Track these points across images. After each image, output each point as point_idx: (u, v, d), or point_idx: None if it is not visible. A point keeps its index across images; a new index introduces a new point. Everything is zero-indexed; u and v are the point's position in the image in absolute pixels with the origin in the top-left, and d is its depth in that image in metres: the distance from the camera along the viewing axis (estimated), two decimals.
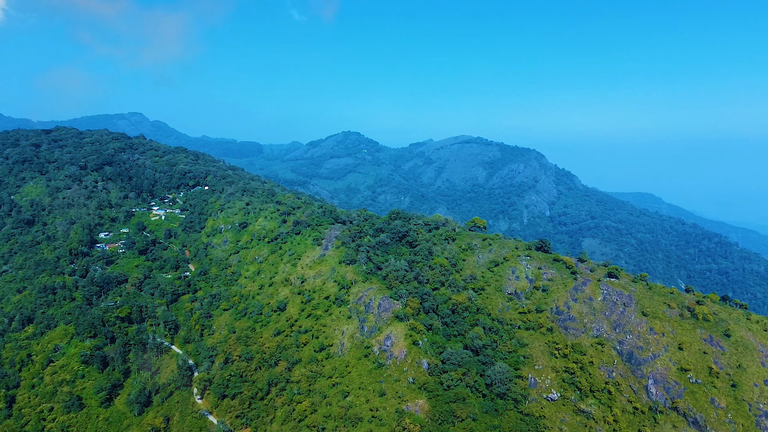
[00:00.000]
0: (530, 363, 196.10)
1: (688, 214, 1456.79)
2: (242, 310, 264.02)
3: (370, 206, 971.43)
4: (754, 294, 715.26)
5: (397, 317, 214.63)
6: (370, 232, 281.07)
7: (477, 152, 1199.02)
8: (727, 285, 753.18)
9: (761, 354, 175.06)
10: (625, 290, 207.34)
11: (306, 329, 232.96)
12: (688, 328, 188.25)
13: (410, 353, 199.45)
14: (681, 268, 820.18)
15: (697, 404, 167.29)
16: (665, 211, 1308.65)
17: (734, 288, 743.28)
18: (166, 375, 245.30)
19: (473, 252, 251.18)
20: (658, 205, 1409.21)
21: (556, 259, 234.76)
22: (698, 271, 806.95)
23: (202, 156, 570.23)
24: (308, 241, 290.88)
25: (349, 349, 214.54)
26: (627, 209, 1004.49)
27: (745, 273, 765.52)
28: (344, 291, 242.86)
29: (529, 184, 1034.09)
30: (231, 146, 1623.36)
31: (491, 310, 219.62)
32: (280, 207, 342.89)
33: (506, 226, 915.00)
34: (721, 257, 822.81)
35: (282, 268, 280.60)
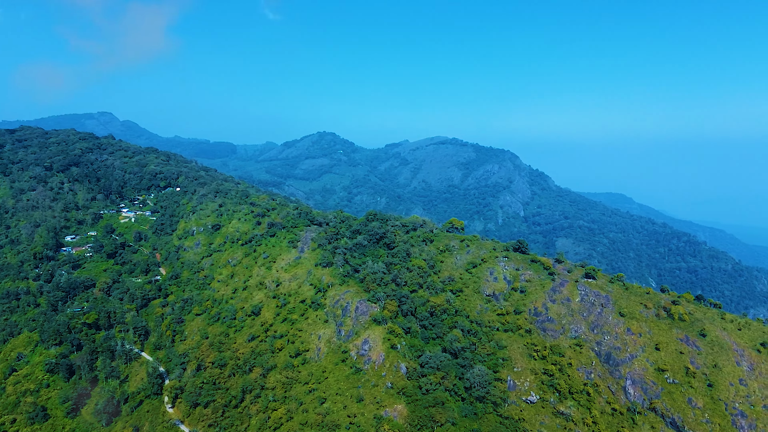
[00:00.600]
0: (509, 365, 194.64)
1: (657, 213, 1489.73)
2: (215, 315, 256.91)
3: (346, 207, 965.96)
4: (722, 292, 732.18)
5: (375, 321, 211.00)
6: (347, 234, 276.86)
7: (452, 153, 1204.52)
8: (696, 283, 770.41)
9: (736, 353, 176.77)
10: (603, 291, 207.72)
11: (281, 334, 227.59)
12: (665, 328, 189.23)
13: (388, 357, 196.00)
14: (652, 266, 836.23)
15: (674, 404, 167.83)
16: (636, 210, 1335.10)
17: (703, 286, 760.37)
18: (136, 383, 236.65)
19: (451, 253, 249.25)
20: (629, 205, 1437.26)
21: (533, 260, 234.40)
22: (668, 269, 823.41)
23: (174, 156, 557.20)
24: (283, 243, 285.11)
25: (326, 354, 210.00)
26: (599, 209, 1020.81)
27: (713, 271, 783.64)
28: (321, 294, 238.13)
29: (503, 184, 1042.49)
30: (204, 147, 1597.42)
31: (470, 312, 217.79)
32: (254, 208, 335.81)
33: (481, 226, 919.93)
34: (690, 256, 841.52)
35: (256, 272, 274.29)
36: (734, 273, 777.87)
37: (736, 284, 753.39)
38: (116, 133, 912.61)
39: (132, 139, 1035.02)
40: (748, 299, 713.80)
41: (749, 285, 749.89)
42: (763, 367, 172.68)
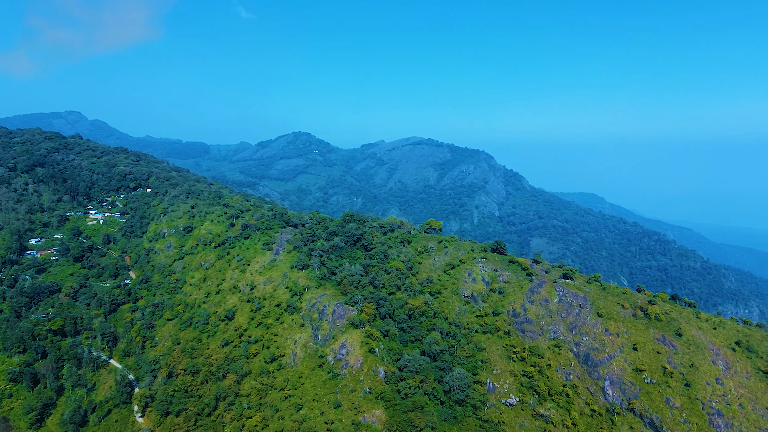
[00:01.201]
0: (488, 367, 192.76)
1: (628, 213, 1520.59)
2: (187, 320, 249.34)
3: (322, 207, 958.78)
4: (691, 289, 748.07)
5: (353, 324, 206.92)
6: (324, 236, 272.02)
7: (428, 153, 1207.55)
8: (667, 281, 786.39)
9: (712, 353, 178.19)
10: (581, 291, 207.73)
11: (256, 339, 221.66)
12: (642, 328, 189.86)
13: (366, 361, 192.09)
14: (623, 265, 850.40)
15: (652, 405, 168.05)
16: (608, 210, 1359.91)
17: (673, 284, 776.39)
18: (104, 392, 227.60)
19: (429, 255, 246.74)
20: (601, 205, 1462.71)
21: (511, 261, 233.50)
22: (639, 267, 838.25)
23: (145, 156, 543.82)
24: (258, 245, 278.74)
25: (302, 359, 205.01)
26: (572, 209, 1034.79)
27: (682, 269, 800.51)
28: (296, 298, 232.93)
29: (479, 185, 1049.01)
30: (176, 146, 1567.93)
31: (448, 314, 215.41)
32: (227, 210, 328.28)
33: (457, 226, 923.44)
34: (660, 254, 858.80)
35: (230, 275, 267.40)
36: (703, 271, 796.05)
37: (705, 282, 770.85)
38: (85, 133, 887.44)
39: (101, 138, 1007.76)
40: (716, 296, 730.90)
41: (717, 282, 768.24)
42: (738, 366, 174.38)
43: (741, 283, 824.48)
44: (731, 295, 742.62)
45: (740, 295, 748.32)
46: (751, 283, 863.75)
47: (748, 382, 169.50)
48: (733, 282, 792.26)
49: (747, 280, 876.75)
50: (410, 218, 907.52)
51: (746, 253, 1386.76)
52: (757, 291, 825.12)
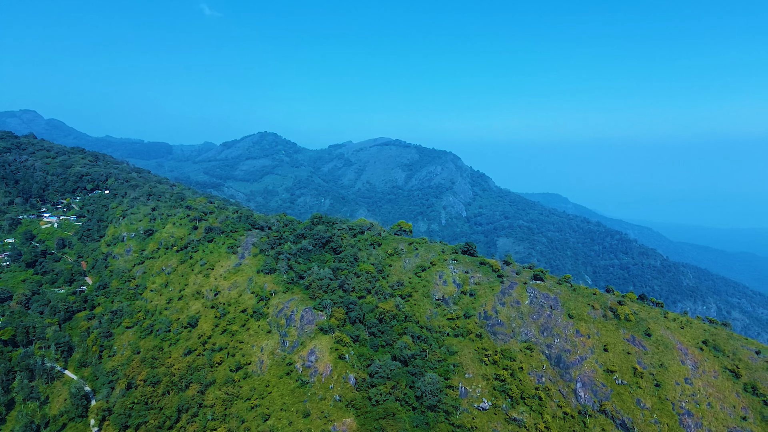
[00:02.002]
0: (460, 371, 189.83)
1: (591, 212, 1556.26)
2: (148, 328, 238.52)
3: (289, 209, 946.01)
4: (652, 287, 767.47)
5: (322, 329, 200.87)
6: (291, 239, 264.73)
7: (396, 154, 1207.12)
8: (629, 279, 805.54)
9: (680, 352, 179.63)
10: (551, 293, 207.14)
11: (221, 346, 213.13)
12: (612, 329, 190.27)
13: (336, 368, 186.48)
14: (587, 264, 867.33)
15: (624, 406, 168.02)
16: (571, 210, 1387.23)
17: (634, 282, 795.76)
18: (58, 405, 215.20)
19: (400, 257, 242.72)
20: (564, 205, 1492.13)
21: (482, 263, 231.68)
22: (603, 266, 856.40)
23: (103, 157, 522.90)
24: (222, 249, 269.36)
25: (270, 366, 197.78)
26: (538, 209, 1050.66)
27: (643, 267, 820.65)
28: (263, 303, 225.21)
29: (446, 185, 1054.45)
30: (137, 147, 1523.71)
31: (419, 317, 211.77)
32: (190, 212, 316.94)
33: (425, 226, 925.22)
34: (622, 253, 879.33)
35: (193, 280, 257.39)
36: (662, 269, 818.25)
37: (665, 279, 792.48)
38: (40, 133, 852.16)
39: (58, 138, 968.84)
40: (676, 294, 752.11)
41: (676, 280, 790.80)
42: (705, 365, 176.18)
43: (699, 280, 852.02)
44: (690, 292, 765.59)
45: (698, 291, 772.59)
46: (708, 280, 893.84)
47: (716, 381, 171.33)
48: (692, 279, 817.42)
49: (704, 277, 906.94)
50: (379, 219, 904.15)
51: (702, 250, 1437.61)
52: (713, 288, 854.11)
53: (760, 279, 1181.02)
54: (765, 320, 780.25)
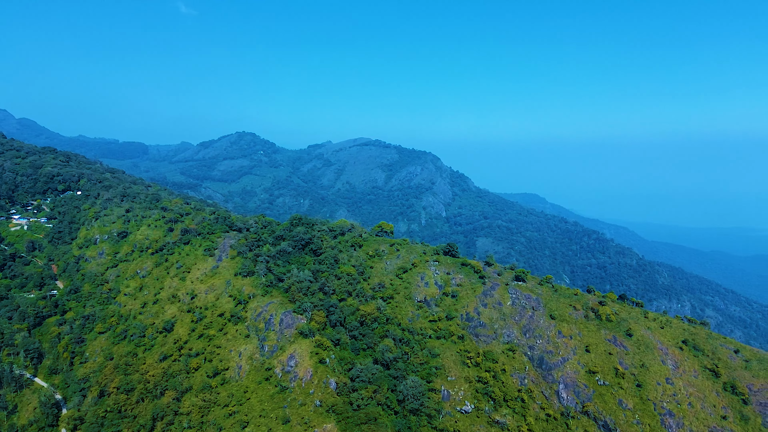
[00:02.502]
0: (443, 374, 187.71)
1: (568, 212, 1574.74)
2: (121, 333, 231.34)
3: (268, 209, 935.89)
4: (628, 286, 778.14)
5: (302, 333, 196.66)
6: (270, 240, 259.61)
7: (376, 155, 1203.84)
8: (606, 278, 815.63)
9: (661, 352, 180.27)
10: (533, 294, 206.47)
11: (197, 352, 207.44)
12: (593, 330, 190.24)
13: (316, 373, 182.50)
14: (565, 263, 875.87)
15: (606, 407, 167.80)
16: (549, 210, 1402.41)
17: (611, 280, 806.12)
18: (27, 414, 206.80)
19: (381, 258, 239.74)
20: (542, 205, 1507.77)
21: (464, 264, 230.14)
22: (580, 265, 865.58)
23: (75, 157, 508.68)
24: (199, 251, 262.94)
25: (248, 372, 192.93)
26: (516, 209, 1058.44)
27: (620, 266, 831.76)
28: (241, 307, 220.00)
29: (426, 186, 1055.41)
30: (112, 147, 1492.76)
31: (401, 319, 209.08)
32: (166, 214, 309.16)
33: (405, 227, 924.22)
34: (599, 252, 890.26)
35: (169, 283, 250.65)
36: (638, 268, 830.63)
37: (641, 278, 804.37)
38: (11, 132, 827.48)
39: (29, 138, 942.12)
40: (651, 292, 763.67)
41: (652, 278, 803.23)
42: (686, 365, 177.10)
43: (673, 279, 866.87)
44: (665, 290, 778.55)
45: (673, 290, 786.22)
46: (682, 279, 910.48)
47: (696, 380, 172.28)
48: (666, 278, 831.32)
49: (678, 275, 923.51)
50: (359, 220, 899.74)
51: (676, 249, 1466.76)
52: (687, 286, 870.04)
53: (732, 277, 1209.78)
54: (737, 318, 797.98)
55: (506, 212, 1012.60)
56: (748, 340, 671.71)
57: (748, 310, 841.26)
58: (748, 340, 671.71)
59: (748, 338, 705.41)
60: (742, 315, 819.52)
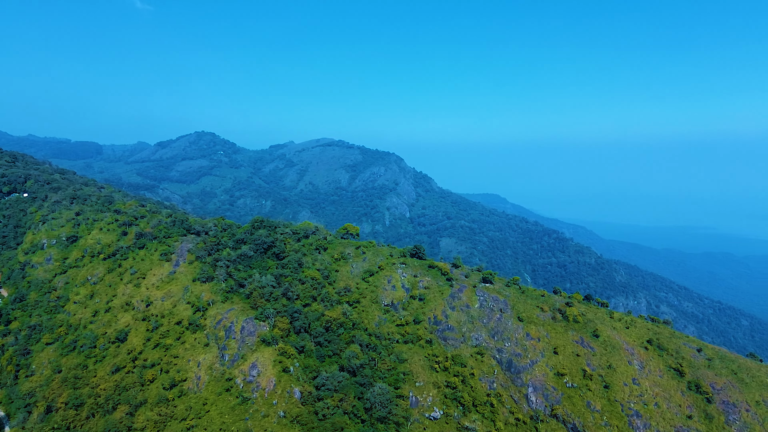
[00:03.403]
0: (411, 380, 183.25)
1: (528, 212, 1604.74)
2: (71, 344, 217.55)
3: (228, 211, 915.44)
4: (587, 284, 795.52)
5: (264, 341, 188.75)
6: (230, 244, 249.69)
7: (339, 155, 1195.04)
8: (566, 276, 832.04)
9: (627, 352, 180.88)
10: (501, 295, 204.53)
11: (153, 363, 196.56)
12: (561, 331, 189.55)
13: (280, 382, 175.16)
14: (526, 263, 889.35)
15: (574, 409, 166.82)
16: (510, 210, 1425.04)
17: (571, 279, 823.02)
18: None
19: (347, 262, 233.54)
20: (503, 205, 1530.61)
21: (431, 266, 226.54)
22: (541, 264, 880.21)
23: (23, 157, 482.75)
24: (155, 256, 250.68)
25: (207, 383, 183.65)
26: (478, 209, 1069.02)
27: (579, 265, 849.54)
28: (200, 314, 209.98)
29: (390, 186, 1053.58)
30: (64, 147, 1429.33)
31: (368, 324, 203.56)
32: (119, 216, 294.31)
33: (369, 228, 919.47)
34: (559, 251, 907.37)
35: (122, 290, 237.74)
36: (597, 266, 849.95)
37: (599, 276, 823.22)
38: None
39: None
40: (609, 290, 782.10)
41: (610, 276, 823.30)
42: (651, 365, 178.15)
43: (630, 276, 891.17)
44: (622, 288, 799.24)
45: (630, 287, 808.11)
46: (638, 276, 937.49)
47: (662, 380, 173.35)
48: (623, 275, 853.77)
49: (634, 273, 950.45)
50: (322, 220, 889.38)
51: (631, 247, 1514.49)
52: (643, 283, 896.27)
53: (683, 274, 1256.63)
54: (690, 313, 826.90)
55: (469, 212, 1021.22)
56: (701, 335, 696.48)
57: (700, 305, 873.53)
58: (701, 335, 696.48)
59: (701, 333, 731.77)
60: (695, 311, 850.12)
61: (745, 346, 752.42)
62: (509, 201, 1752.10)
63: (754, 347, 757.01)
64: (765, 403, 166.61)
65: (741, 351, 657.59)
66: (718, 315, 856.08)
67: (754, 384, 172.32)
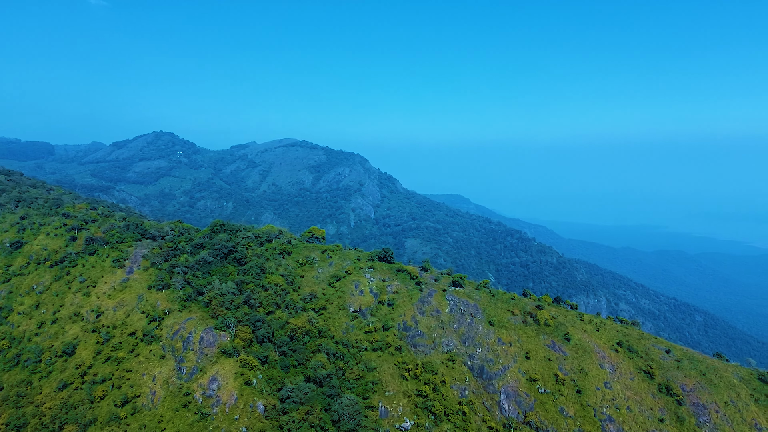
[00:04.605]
0: (380, 389, 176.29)
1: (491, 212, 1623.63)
2: (13, 358, 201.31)
3: (189, 212, 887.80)
4: (549, 283, 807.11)
5: (225, 352, 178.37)
6: (188, 249, 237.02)
7: (303, 156, 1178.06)
8: (529, 276, 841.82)
9: (598, 355, 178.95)
10: (471, 299, 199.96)
11: (104, 377, 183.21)
12: (532, 335, 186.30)
13: (242, 396, 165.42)
14: (490, 262, 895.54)
15: (547, 416, 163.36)
16: (473, 210, 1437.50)
17: (534, 278, 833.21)
18: None
19: (312, 266, 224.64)
20: (467, 206, 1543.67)
21: (399, 270, 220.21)
22: (504, 264, 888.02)
23: None
24: (106, 262, 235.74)
25: (164, 398, 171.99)
26: (443, 210, 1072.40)
27: (541, 264, 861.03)
28: (155, 324, 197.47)
29: (354, 187, 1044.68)
30: (12, 147, 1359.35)
31: (335, 332, 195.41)
32: (68, 221, 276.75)
33: (334, 229, 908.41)
34: (522, 251, 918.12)
35: (70, 299, 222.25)
36: (558, 265, 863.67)
37: (561, 275, 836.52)
38: None
39: None
40: (571, 288, 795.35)
41: (571, 275, 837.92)
42: (622, 367, 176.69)
43: (590, 275, 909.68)
44: (583, 286, 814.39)
45: (590, 285, 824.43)
46: (597, 275, 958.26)
47: (633, 383, 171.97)
48: (584, 274, 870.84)
49: (594, 271, 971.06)
50: (286, 222, 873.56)
51: (590, 246, 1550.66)
52: (603, 281, 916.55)
53: (640, 271, 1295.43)
54: (647, 310, 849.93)
55: (434, 213, 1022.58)
56: (658, 332, 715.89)
57: (656, 302, 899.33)
58: (658, 332, 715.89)
59: (658, 329, 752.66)
60: (652, 307, 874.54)
61: (699, 342, 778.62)
62: (472, 201, 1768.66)
63: (707, 342, 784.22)
64: (733, 403, 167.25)
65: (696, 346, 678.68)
66: (674, 311, 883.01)
67: (722, 384, 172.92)
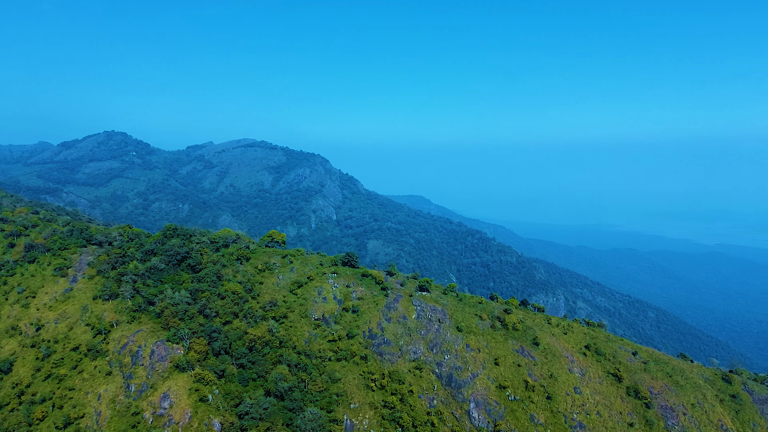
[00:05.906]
0: (345, 401, 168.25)
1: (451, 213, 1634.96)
2: None
3: (142, 215, 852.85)
4: (510, 282, 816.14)
5: (178, 367, 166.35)
6: (138, 256, 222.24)
7: (262, 156, 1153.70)
8: (489, 276, 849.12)
9: (567, 360, 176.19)
10: (438, 305, 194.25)
11: (43, 397, 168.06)
12: (501, 340, 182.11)
13: (197, 414, 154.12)
14: (452, 263, 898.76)
15: (518, 424, 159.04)
16: (434, 211, 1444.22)
17: (494, 278, 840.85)
18: None
19: (272, 273, 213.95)
20: (428, 206, 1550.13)
21: (364, 274, 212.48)
22: (466, 264, 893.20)
23: None
24: (48, 271, 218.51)
25: (110, 418, 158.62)
26: (404, 211, 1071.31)
27: (502, 264, 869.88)
28: (101, 337, 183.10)
29: (315, 188, 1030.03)
30: None
31: (297, 341, 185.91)
32: (5, 226, 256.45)
33: (295, 231, 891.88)
34: (482, 251, 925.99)
35: (7, 312, 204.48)
36: (518, 264, 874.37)
37: (520, 274, 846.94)
38: None
39: None
40: (530, 287, 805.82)
41: (530, 274, 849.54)
42: (590, 371, 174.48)
43: (548, 274, 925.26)
44: (542, 285, 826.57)
45: (549, 284, 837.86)
46: (555, 273, 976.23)
47: (602, 386, 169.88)
48: (543, 273, 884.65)
49: (552, 270, 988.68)
50: (245, 225, 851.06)
51: (548, 245, 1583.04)
52: (561, 280, 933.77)
53: (595, 269, 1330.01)
54: (603, 307, 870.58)
55: (395, 214, 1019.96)
56: (614, 329, 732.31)
57: (611, 300, 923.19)
58: (614, 329, 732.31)
59: (614, 326, 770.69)
60: (607, 305, 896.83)
61: (652, 337, 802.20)
62: (433, 202, 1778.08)
63: (660, 337, 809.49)
64: (700, 404, 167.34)
65: (649, 342, 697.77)
66: (628, 308, 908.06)
67: (689, 386, 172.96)
